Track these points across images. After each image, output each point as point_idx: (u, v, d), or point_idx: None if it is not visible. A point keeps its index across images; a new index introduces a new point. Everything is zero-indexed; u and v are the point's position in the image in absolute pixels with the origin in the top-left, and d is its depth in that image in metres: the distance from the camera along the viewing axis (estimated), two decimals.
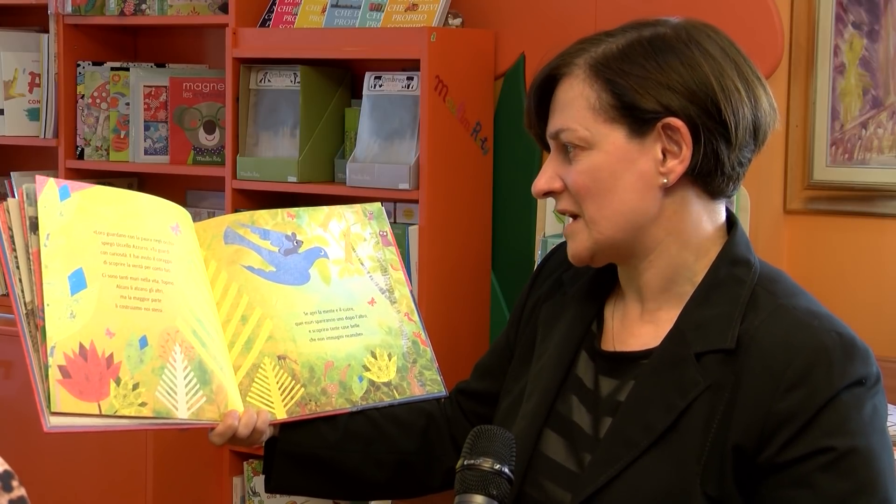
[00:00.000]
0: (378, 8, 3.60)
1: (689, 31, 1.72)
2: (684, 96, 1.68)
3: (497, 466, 1.60)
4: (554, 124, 1.74)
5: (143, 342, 1.78)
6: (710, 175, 1.71)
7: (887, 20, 3.20)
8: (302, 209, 2.04)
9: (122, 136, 4.08)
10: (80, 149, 4.13)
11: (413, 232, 3.46)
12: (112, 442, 3.79)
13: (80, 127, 4.12)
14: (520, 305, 1.96)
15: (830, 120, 3.26)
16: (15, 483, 1.39)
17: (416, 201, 3.49)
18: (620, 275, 1.82)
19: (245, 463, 3.83)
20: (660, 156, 1.70)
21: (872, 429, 1.64)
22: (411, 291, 2.07)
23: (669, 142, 1.69)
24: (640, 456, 1.67)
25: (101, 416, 1.72)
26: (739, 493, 1.65)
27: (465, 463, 1.61)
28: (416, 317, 2.04)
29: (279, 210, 2.03)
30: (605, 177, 1.71)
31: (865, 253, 3.25)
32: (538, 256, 3.36)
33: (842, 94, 3.25)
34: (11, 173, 4.25)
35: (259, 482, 3.78)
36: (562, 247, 1.94)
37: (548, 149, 1.79)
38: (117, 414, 1.73)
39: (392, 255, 2.07)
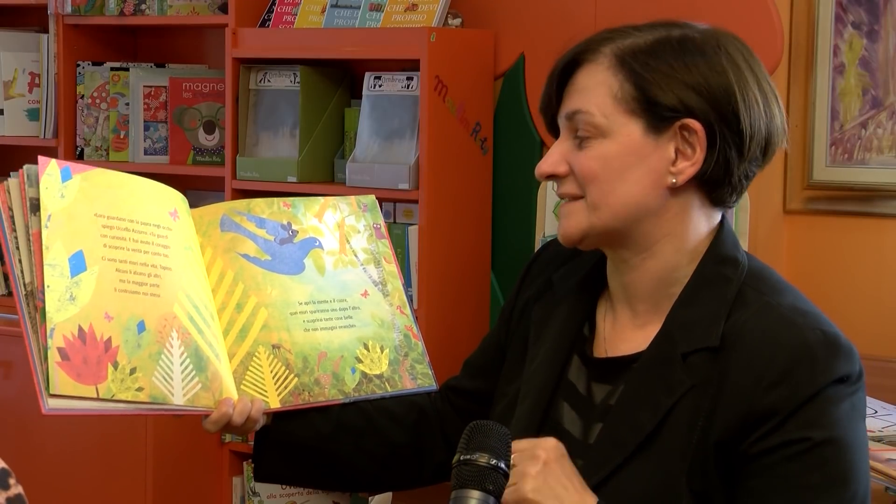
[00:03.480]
0: (378, 8, 3.60)
1: (718, 38, 1.73)
2: (706, 100, 1.69)
3: (493, 461, 1.60)
4: (571, 104, 1.74)
5: (141, 327, 1.77)
6: (717, 182, 1.72)
7: (887, 20, 3.19)
8: (297, 199, 2.04)
9: (121, 137, 4.08)
10: (79, 149, 4.13)
11: (413, 232, 3.45)
12: (112, 441, 3.78)
13: (79, 127, 4.12)
14: (509, 305, 1.96)
15: (830, 120, 3.26)
16: (12, 481, 1.39)
17: (416, 201, 3.48)
18: (610, 272, 1.81)
19: (245, 463, 3.82)
20: (672, 155, 1.71)
21: (849, 423, 1.64)
22: (403, 285, 2.06)
23: (683, 143, 1.70)
24: (630, 457, 1.68)
25: (98, 399, 1.71)
26: (724, 487, 1.65)
27: (462, 458, 1.61)
28: (407, 310, 2.04)
29: (275, 199, 2.02)
30: (616, 166, 1.71)
31: (865, 253, 3.25)
32: None
33: (841, 94, 3.25)
34: (11, 173, 4.25)
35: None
36: (549, 246, 1.94)
37: (556, 135, 1.78)
38: (114, 398, 1.73)
39: (385, 247, 2.07)
